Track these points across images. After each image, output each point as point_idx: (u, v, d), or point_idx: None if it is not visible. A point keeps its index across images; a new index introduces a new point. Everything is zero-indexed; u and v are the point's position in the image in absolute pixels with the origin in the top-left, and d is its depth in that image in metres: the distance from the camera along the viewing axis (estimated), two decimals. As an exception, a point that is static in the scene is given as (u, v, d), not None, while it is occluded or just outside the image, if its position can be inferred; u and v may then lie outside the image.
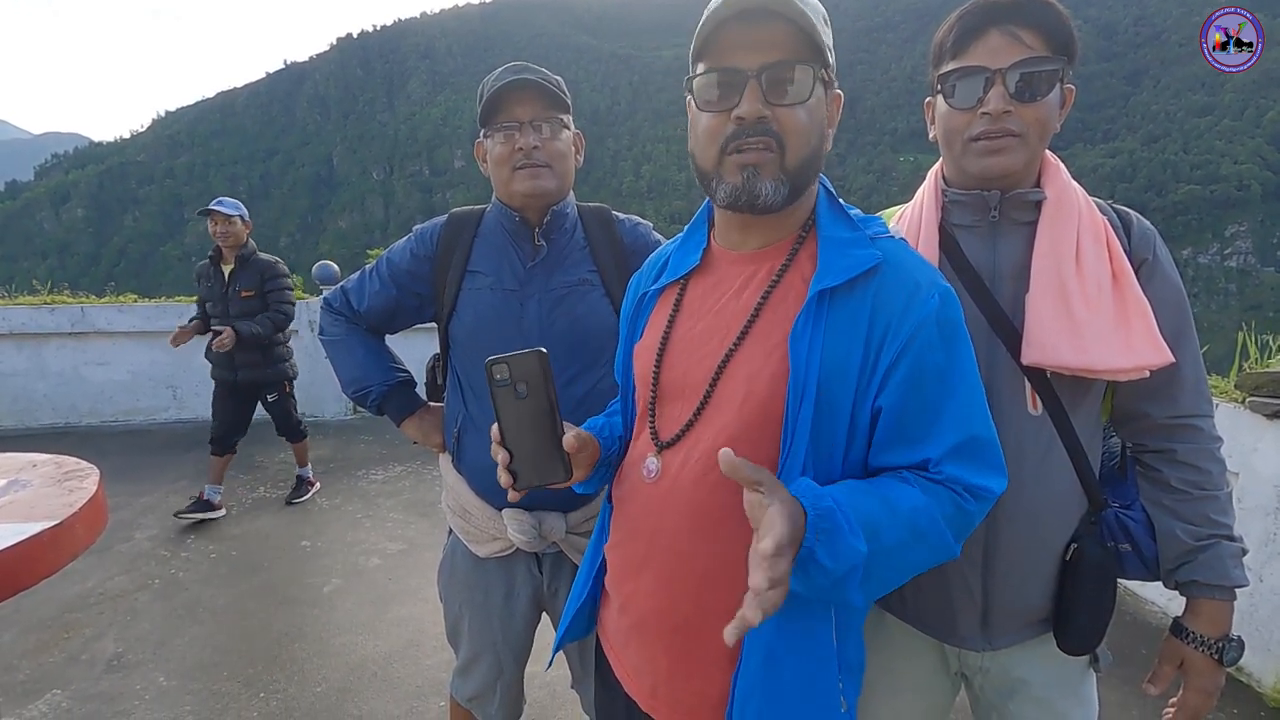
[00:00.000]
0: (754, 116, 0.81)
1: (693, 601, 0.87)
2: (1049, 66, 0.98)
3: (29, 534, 1.13)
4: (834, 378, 0.80)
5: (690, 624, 0.88)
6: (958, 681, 1.18)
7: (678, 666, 0.90)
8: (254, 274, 3.81)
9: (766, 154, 0.82)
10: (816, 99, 0.83)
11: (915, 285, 0.81)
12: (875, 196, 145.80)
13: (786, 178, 0.83)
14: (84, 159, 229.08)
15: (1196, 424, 1.03)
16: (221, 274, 3.81)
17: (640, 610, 0.93)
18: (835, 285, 0.81)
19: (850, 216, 0.89)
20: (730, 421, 0.85)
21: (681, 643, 0.89)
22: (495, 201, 1.46)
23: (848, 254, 0.83)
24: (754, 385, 0.83)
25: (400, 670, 2.53)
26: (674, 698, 0.91)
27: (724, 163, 0.84)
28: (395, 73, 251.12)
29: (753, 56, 0.81)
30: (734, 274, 0.92)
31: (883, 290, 0.81)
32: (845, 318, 0.81)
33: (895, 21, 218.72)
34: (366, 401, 1.56)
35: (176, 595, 3.07)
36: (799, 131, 0.82)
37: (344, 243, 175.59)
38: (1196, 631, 1.03)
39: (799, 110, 0.82)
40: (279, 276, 3.87)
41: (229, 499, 4.14)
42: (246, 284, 3.78)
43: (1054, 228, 1.01)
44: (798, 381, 0.80)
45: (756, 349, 0.85)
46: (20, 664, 2.55)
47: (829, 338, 0.80)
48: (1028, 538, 1.02)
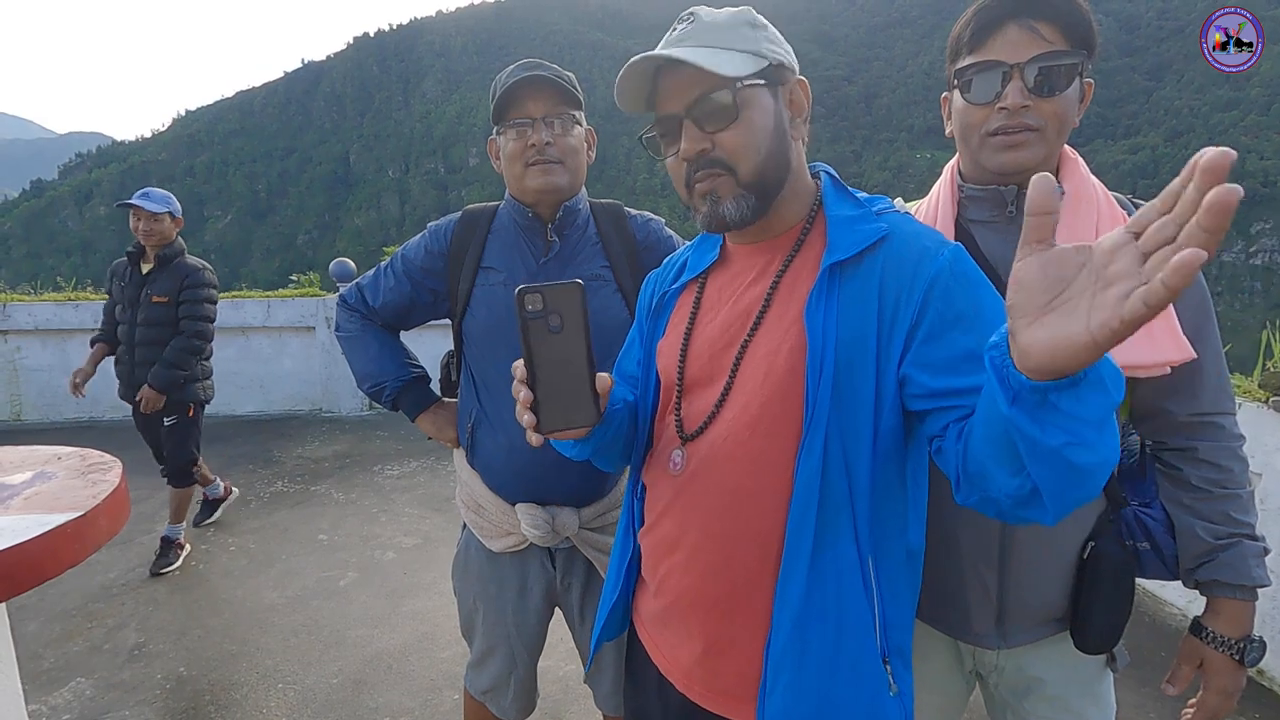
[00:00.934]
0: (694, 153, 0.88)
1: (723, 579, 0.89)
2: (1068, 60, 0.97)
3: (53, 525, 1.15)
4: (852, 346, 0.81)
5: (722, 601, 0.90)
6: (972, 679, 1.17)
7: (712, 645, 0.91)
8: (173, 278, 3.20)
9: (719, 179, 0.88)
10: (750, 110, 0.86)
11: (922, 250, 0.82)
12: (891, 193, 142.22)
13: (746, 191, 0.88)
14: (106, 158, 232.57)
15: (1218, 421, 1.02)
16: (140, 275, 3.23)
17: (675, 590, 0.95)
18: (845, 259, 0.84)
19: (856, 197, 0.92)
20: (752, 400, 0.87)
21: (715, 620, 0.91)
22: (508, 198, 1.47)
23: (855, 229, 0.86)
24: (774, 361, 0.86)
25: (415, 663, 2.55)
26: (710, 677, 0.92)
27: (693, 195, 0.91)
28: (411, 71, 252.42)
29: (677, 101, 0.88)
30: (749, 265, 0.95)
31: (890, 259, 0.83)
32: (857, 288, 0.83)
33: (912, 16, 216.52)
34: (381, 397, 1.57)
35: (196, 587, 3.12)
36: (741, 147, 0.87)
37: (360, 240, 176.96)
38: (1217, 631, 1.02)
39: (731, 130, 0.86)
40: (201, 286, 3.25)
41: (248, 492, 4.20)
42: (162, 289, 3.18)
43: (1073, 223, 1.00)
44: (815, 351, 0.82)
45: (774, 328, 0.88)
46: (45, 652, 2.61)
47: (843, 309, 0.82)
48: (1044, 535, 1.01)
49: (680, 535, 0.94)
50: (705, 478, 0.91)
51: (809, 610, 0.83)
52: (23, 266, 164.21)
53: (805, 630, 0.83)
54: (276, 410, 6.03)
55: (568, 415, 0.82)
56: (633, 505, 1.06)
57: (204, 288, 3.26)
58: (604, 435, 0.98)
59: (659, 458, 1.00)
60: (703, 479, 0.91)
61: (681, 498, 0.94)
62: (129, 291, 3.21)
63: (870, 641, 0.84)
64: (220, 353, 5.87)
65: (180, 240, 3.32)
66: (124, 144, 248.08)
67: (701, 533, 0.91)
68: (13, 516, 1.19)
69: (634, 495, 1.06)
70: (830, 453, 0.81)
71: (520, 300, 0.78)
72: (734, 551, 0.88)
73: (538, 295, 0.78)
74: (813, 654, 0.83)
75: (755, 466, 0.86)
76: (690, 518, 0.92)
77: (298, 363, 6.05)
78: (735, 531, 0.88)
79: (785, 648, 0.84)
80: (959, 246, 0.83)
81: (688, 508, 0.93)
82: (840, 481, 0.82)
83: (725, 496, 0.89)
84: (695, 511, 0.92)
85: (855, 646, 0.84)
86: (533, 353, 0.79)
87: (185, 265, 3.26)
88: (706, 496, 0.91)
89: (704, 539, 0.91)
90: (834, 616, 0.84)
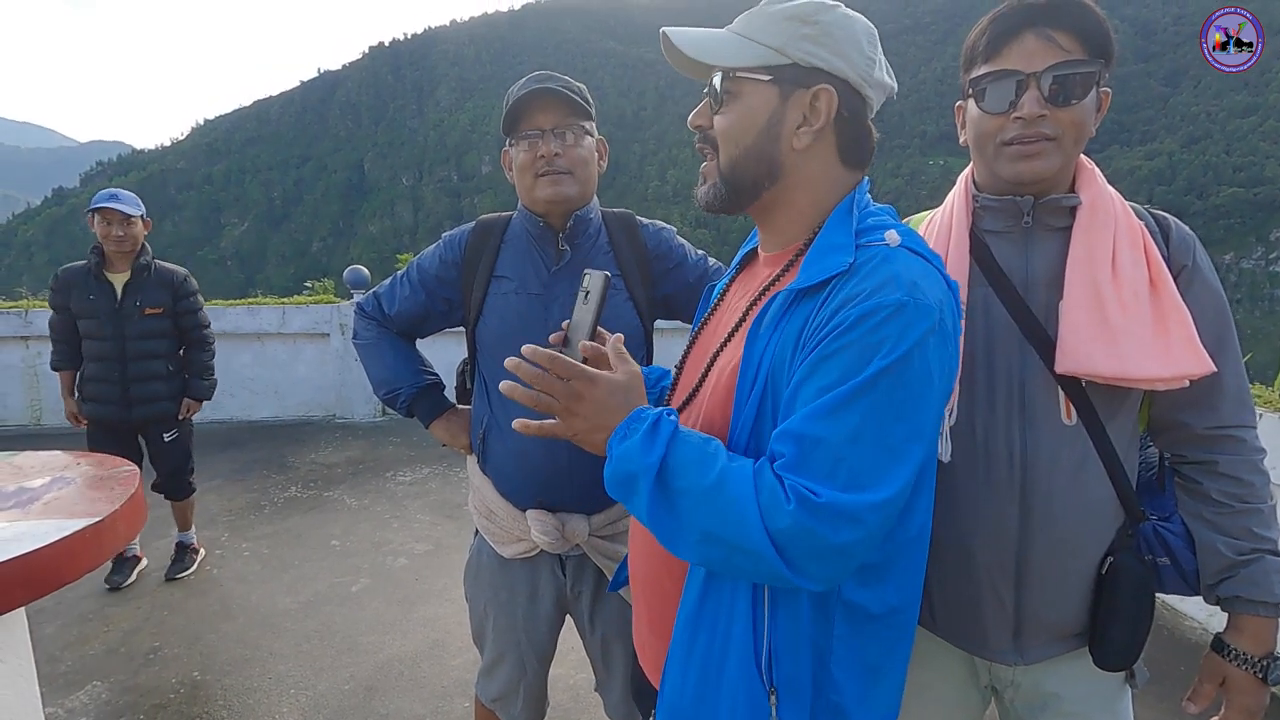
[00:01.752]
0: (695, 125, 0.93)
1: (655, 562, 0.95)
2: (1085, 70, 0.96)
3: (72, 530, 1.17)
4: (778, 370, 0.81)
5: (652, 582, 0.96)
6: (988, 695, 1.16)
7: (654, 624, 0.97)
8: (161, 287, 3.06)
9: (709, 161, 0.92)
10: (744, 104, 0.87)
11: (864, 291, 0.76)
12: (904, 200, 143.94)
13: (720, 180, 0.90)
14: (127, 166, 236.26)
15: (1239, 435, 1.00)
16: (110, 285, 3.00)
17: (632, 568, 1.04)
18: (805, 287, 0.81)
19: (851, 224, 0.85)
20: (702, 410, 0.92)
21: (654, 600, 0.97)
22: (520, 208, 1.49)
23: (826, 259, 0.82)
24: (720, 377, 0.91)
25: (426, 670, 2.56)
26: (651, 654, 0.99)
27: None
28: (425, 80, 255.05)
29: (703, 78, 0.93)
30: (760, 275, 0.97)
31: (835, 291, 0.79)
32: (803, 315, 0.80)
33: (925, 23, 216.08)
34: (396, 403, 1.58)
35: (210, 591, 3.14)
36: (723, 135, 0.89)
37: (374, 247, 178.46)
38: (1239, 649, 1.00)
39: (723, 116, 0.89)
40: (194, 294, 3.18)
41: (262, 497, 4.23)
42: (153, 300, 3.03)
43: (1089, 233, 0.99)
44: (746, 372, 0.84)
45: (735, 345, 0.91)
46: (63, 655, 2.63)
47: (785, 334, 0.81)
48: (1062, 550, 1.00)
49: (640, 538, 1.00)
50: None
51: (701, 616, 0.86)
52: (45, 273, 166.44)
53: (695, 633, 0.86)
54: (291, 416, 6.08)
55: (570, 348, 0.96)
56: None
57: (196, 295, 3.21)
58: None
59: None
60: None
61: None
62: (103, 304, 2.98)
63: (751, 667, 0.82)
64: (236, 358, 6.00)
65: (148, 246, 3.11)
66: (144, 152, 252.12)
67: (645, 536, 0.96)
68: (32, 522, 1.21)
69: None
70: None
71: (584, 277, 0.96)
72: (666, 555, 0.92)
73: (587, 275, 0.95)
74: (697, 658, 0.86)
75: None
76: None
77: (312, 369, 6.10)
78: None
79: (677, 643, 0.89)
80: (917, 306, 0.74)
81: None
82: None
83: None
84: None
85: (738, 665, 0.83)
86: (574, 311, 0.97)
87: (169, 272, 3.12)
88: None
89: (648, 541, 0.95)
90: (723, 629, 0.84)
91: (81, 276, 3.00)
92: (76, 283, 3.00)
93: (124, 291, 3.01)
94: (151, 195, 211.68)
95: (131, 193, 3.05)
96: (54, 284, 3.05)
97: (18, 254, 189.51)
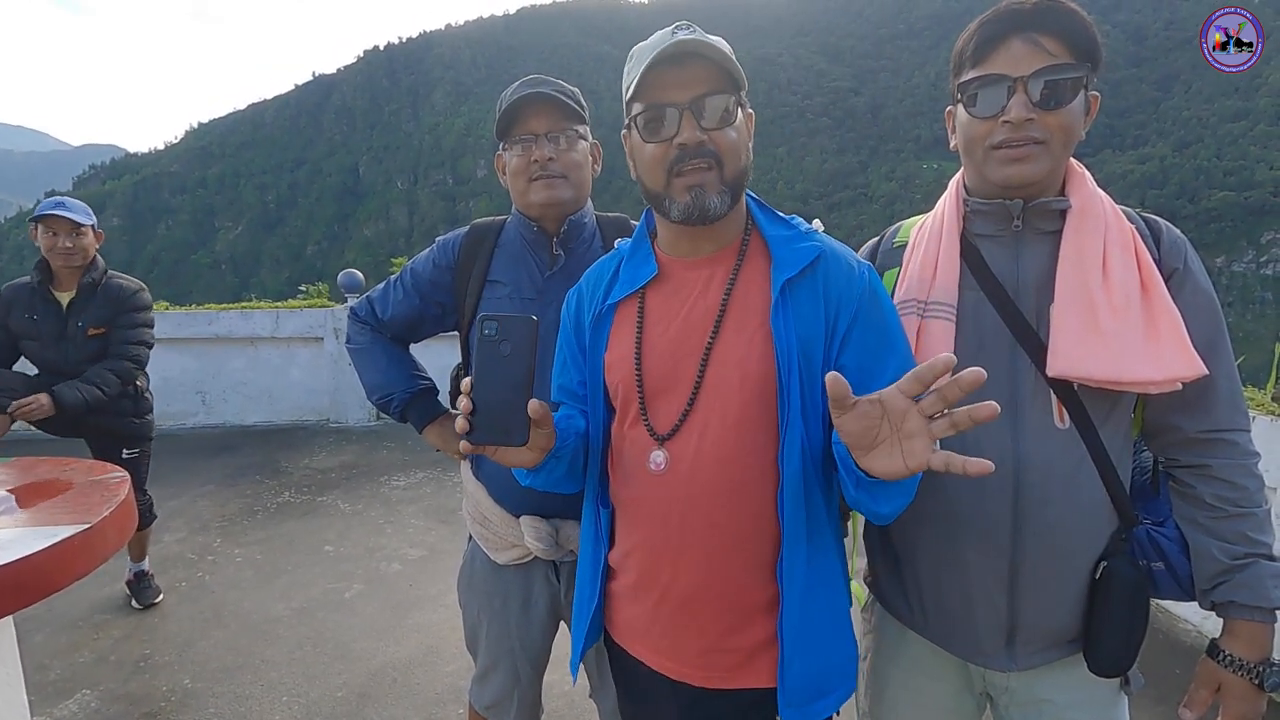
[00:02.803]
0: (694, 142, 0.94)
1: (733, 564, 0.98)
2: (1072, 74, 0.96)
3: (61, 537, 1.16)
4: (810, 346, 0.95)
5: (732, 586, 0.98)
6: (982, 701, 1.15)
7: (727, 629, 0.99)
8: (105, 304, 2.68)
9: (708, 173, 0.95)
10: (740, 120, 0.98)
11: (850, 266, 0.99)
12: (898, 204, 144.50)
13: (727, 189, 0.96)
14: (120, 170, 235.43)
15: (1232, 438, 1.00)
16: (57, 303, 2.66)
17: (686, 588, 1.00)
18: (793, 275, 0.96)
19: (781, 218, 1.05)
20: (732, 405, 0.96)
21: (728, 605, 0.99)
22: (514, 212, 1.48)
23: (794, 248, 0.99)
24: (747, 367, 0.96)
25: (419, 677, 2.54)
26: (724, 659, 1.00)
27: (671, 184, 0.96)
28: (420, 84, 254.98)
29: (682, 93, 0.94)
30: (692, 279, 1.02)
31: (829, 273, 0.98)
32: (806, 298, 0.96)
33: (918, 28, 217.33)
34: (390, 408, 1.58)
35: (202, 598, 3.12)
36: (731, 149, 0.96)
37: (369, 251, 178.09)
38: (1234, 654, 0.99)
39: (729, 131, 0.96)
40: (138, 310, 2.75)
41: (255, 503, 4.21)
42: (96, 318, 2.67)
43: (1079, 236, 0.99)
44: (783, 355, 0.94)
45: (737, 338, 0.97)
46: (52, 663, 2.61)
47: (798, 317, 0.95)
48: (1055, 555, 1.00)
49: (683, 536, 0.98)
50: (697, 475, 0.97)
51: (812, 583, 0.97)
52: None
53: (810, 602, 0.97)
54: (284, 420, 6.05)
55: (500, 432, 0.87)
56: (598, 519, 1.09)
57: (142, 310, 2.78)
58: (555, 469, 1.01)
59: (632, 462, 1.03)
60: (695, 476, 0.97)
61: (676, 503, 0.98)
62: (46, 325, 2.64)
63: (844, 598, 1.04)
64: (229, 363, 5.98)
65: (101, 259, 2.77)
66: (137, 156, 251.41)
67: (707, 529, 0.97)
68: (21, 529, 1.20)
69: (598, 508, 1.09)
70: (805, 442, 0.94)
71: (480, 324, 0.88)
72: (735, 542, 0.97)
73: (495, 322, 0.88)
74: (815, 620, 0.97)
75: (744, 461, 0.96)
76: (690, 519, 0.98)
77: (305, 373, 6.08)
78: (736, 521, 0.97)
79: (797, 620, 0.96)
80: (870, 266, 1.01)
81: (686, 511, 0.98)
82: (814, 465, 0.95)
83: (721, 492, 0.96)
84: (694, 513, 0.97)
85: (842, 606, 1.03)
86: (479, 369, 0.87)
87: (116, 287, 2.73)
88: (703, 493, 0.97)
89: (710, 534, 0.97)
90: (829, 585, 1.00)
91: (26, 293, 2.67)
92: (19, 300, 2.66)
93: (69, 311, 2.66)
94: (144, 199, 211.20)
95: (82, 202, 2.73)
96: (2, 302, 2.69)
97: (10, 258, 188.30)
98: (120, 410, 2.74)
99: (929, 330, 1.04)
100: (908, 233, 1.18)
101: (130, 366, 2.67)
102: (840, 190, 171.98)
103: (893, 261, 1.16)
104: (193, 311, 6.06)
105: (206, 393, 6.02)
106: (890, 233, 1.24)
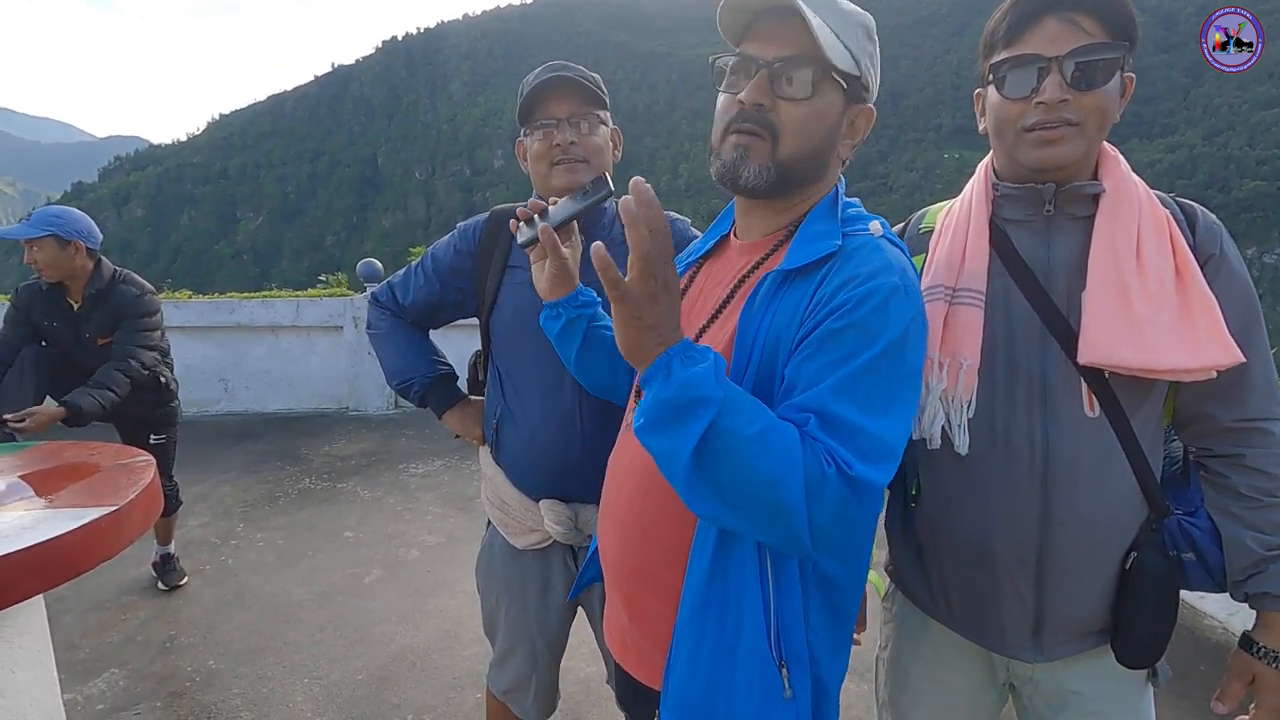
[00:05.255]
0: (752, 103, 0.86)
1: (647, 548, 0.93)
2: (1109, 54, 0.93)
3: (89, 519, 1.18)
4: (773, 347, 0.83)
5: (640, 570, 0.94)
6: (1005, 692, 1.14)
7: (635, 613, 0.96)
8: (109, 313, 2.66)
9: (757, 140, 0.87)
10: (824, 101, 0.87)
11: (862, 274, 0.80)
12: (919, 194, 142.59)
13: (774, 166, 0.87)
14: (144, 161, 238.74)
15: (1267, 427, 0.98)
16: (69, 310, 2.67)
17: (606, 560, 1.01)
18: (794, 268, 0.85)
19: (837, 216, 0.90)
20: None
21: (635, 590, 0.95)
22: (535, 197, 1.47)
23: (813, 244, 0.86)
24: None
25: (438, 661, 2.57)
26: (636, 647, 0.97)
27: (725, 140, 0.90)
28: (438, 74, 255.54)
29: (770, 49, 0.86)
30: (735, 262, 0.98)
31: (831, 273, 0.83)
32: (796, 296, 0.84)
33: (940, 15, 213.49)
34: (410, 393, 1.58)
35: (226, 581, 3.17)
36: (795, 126, 0.86)
37: (388, 241, 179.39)
38: (1268, 646, 0.98)
39: (800, 106, 0.86)
40: (141, 315, 2.69)
41: (276, 489, 4.27)
42: (101, 326, 2.65)
43: (1113, 222, 0.97)
44: (740, 350, 0.85)
45: (723, 326, 0.92)
46: (81, 643, 2.67)
47: (778, 314, 0.84)
48: (1084, 544, 0.98)
49: (609, 503, 1.00)
50: (631, 452, 0.95)
51: (710, 597, 0.85)
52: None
53: (704, 616, 0.85)
54: (304, 408, 6.12)
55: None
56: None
57: (146, 316, 2.71)
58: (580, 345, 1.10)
59: (628, 416, 1.03)
60: (629, 454, 0.96)
61: (617, 468, 1.00)
62: (64, 330, 2.67)
63: (762, 642, 0.83)
64: (250, 351, 6.05)
65: (105, 268, 2.70)
66: (160, 147, 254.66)
67: (622, 501, 0.96)
68: (49, 510, 1.22)
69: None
70: None
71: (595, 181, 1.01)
72: (655, 524, 0.92)
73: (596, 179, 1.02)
74: (708, 641, 0.85)
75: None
76: (615, 489, 0.98)
77: (325, 361, 6.14)
78: (657, 507, 0.91)
79: (685, 628, 0.87)
80: (907, 290, 0.80)
81: (617, 480, 0.98)
82: None
83: (645, 475, 0.91)
84: (620, 484, 0.97)
85: (750, 643, 0.84)
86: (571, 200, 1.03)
87: (120, 293, 2.69)
88: (632, 471, 0.94)
89: (624, 508, 0.95)
90: (733, 608, 0.84)
91: (42, 299, 2.66)
92: (37, 304, 2.67)
93: (78, 320, 2.67)
94: (168, 190, 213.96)
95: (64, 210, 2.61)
96: (14, 300, 2.69)
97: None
98: (144, 400, 2.76)
99: (957, 317, 1.03)
100: (934, 218, 1.16)
101: (135, 366, 2.63)
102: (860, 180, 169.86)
103: (919, 248, 1.14)
104: (215, 300, 6.14)
105: (229, 380, 6.10)
106: (916, 218, 1.22)
